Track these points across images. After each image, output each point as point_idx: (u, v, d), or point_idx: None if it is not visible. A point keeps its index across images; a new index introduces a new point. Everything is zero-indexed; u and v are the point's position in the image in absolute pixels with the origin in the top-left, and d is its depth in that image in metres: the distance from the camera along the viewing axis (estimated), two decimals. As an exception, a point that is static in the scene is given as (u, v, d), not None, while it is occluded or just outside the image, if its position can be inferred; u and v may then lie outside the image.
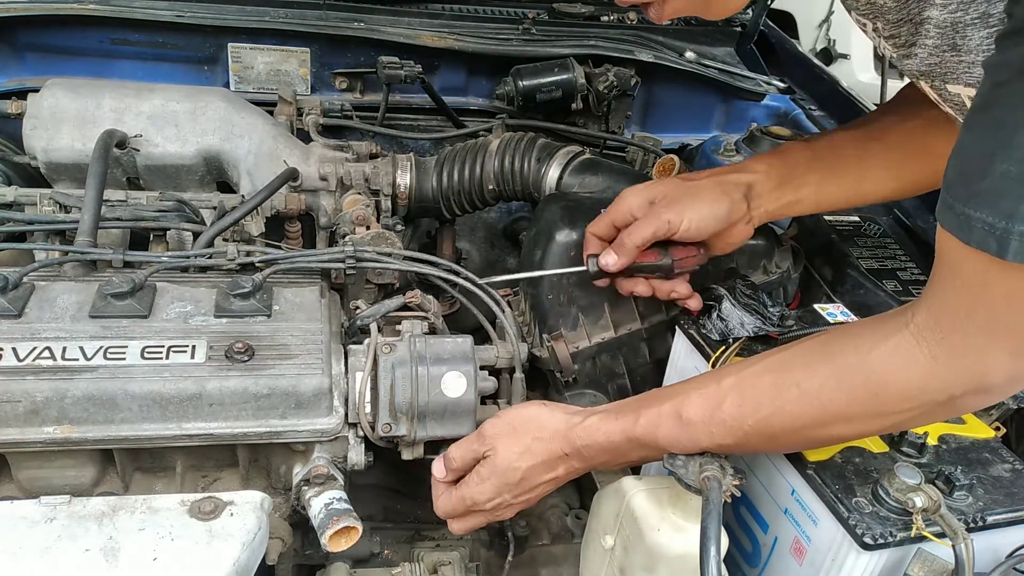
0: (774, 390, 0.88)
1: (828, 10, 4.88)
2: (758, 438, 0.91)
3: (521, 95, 1.71)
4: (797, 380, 0.87)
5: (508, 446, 1.00)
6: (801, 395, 0.86)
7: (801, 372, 0.87)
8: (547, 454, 1.00)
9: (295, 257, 1.14)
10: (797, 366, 0.89)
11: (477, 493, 1.02)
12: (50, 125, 1.29)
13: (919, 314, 0.79)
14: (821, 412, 0.86)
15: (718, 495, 0.87)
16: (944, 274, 0.77)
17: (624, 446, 0.97)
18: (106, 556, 0.80)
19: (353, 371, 1.04)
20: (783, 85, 2.07)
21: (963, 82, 0.80)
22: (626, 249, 1.11)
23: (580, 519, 1.35)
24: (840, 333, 0.89)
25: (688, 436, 0.92)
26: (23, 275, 1.03)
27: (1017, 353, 0.74)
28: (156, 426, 0.94)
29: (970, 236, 0.69)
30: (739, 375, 0.92)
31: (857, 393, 0.84)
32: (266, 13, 1.66)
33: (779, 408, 0.88)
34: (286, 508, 1.07)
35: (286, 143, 1.40)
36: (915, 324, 0.79)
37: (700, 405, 0.92)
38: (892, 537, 0.87)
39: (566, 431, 1.00)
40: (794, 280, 1.33)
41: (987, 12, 0.73)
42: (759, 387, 0.90)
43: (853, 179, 1.16)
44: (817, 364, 0.87)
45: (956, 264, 0.74)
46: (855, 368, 0.83)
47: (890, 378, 0.81)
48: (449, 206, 1.46)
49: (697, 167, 1.75)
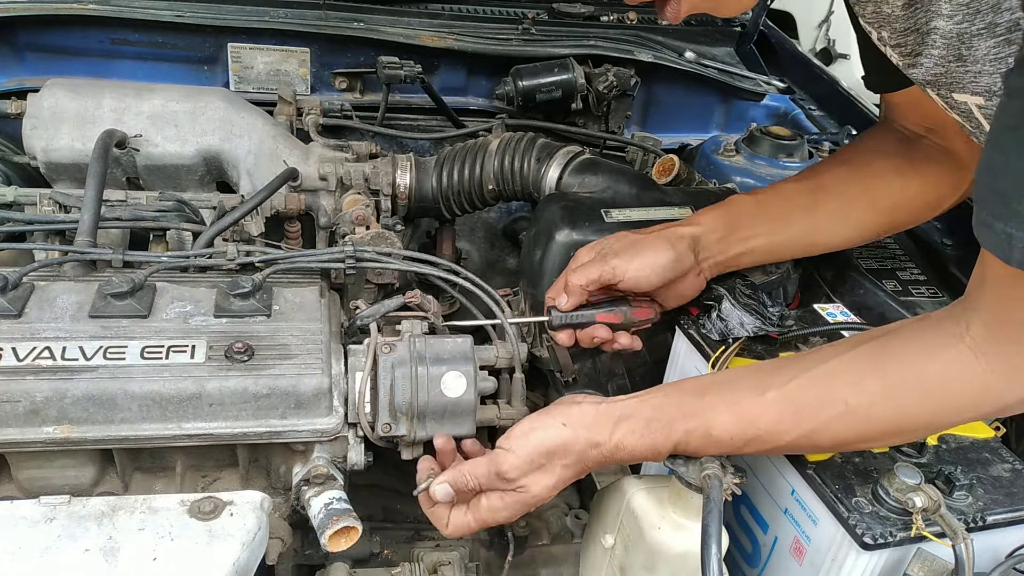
0: (819, 407, 0.87)
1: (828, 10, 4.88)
2: (796, 448, 0.93)
3: (521, 95, 1.71)
4: (845, 397, 0.85)
5: (538, 482, 0.95)
6: (849, 412, 0.85)
7: (849, 389, 0.85)
8: (575, 475, 0.97)
9: (295, 257, 1.14)
10: (844, 383, 0.86)
11: (500, 517, 0.98)
12: (50, 125, 1.29)
13: (974, 327, 0.78)
14: (868, 429, 0.86)
15: (719, 493, 0.87)
16: (996, 288, 0.77)
17: (651, 457, 0.95)
18: (106, 556, 0.80)
19: (353, 371, 1.04)
20: (783, 85, 2.07)
21: (969, 91, 0.80)
22: (572, 288, 1.13)
23: (580, 519, 1.35)
24: (888, 344, 0.86)
25: (718, 449, 0.92)
26: (23, 275, 1.03)
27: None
28: (156, 426, 0.94)
29: (1011, 255, 0.69)
30: (782, 389, 0.89)
31: (911, 411, 0.83)
32: (266, 13, 1.66)
33: (823, 425, 0.87)
34: (286, 508, 1.07)
35: (286, 143, 1.40)
36: (971, 338, 0.78)
37: (729, 426, 0.90)
38: (892, 537, 0.87)
39: (594, 456, 0.95)
40: (794, 280, 1.33)
41: (993, 22, 0.73)
42: (802, 402, 0.88)
43: (802, 229, 1.18)
44: (866, 380, 0.85)
45: (1007, 282, 0.74)
46: (910, 386, 0.83)
47: (947, 394, 0.81)
48: (449, 206, 1.46)
49: (697, 167, 1.75)
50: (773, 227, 1.18)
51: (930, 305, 1.30)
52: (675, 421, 0.92)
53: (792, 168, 1.73)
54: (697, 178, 1.65)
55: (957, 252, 1.46)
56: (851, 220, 1.18)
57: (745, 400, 0.90)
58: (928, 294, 1.33)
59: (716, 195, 1.53)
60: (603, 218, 1.32)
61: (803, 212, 1.18)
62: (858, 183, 1.17)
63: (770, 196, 1.22)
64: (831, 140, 1.86)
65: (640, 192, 1.39)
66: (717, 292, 1.20)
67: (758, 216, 1.18)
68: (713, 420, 0.90)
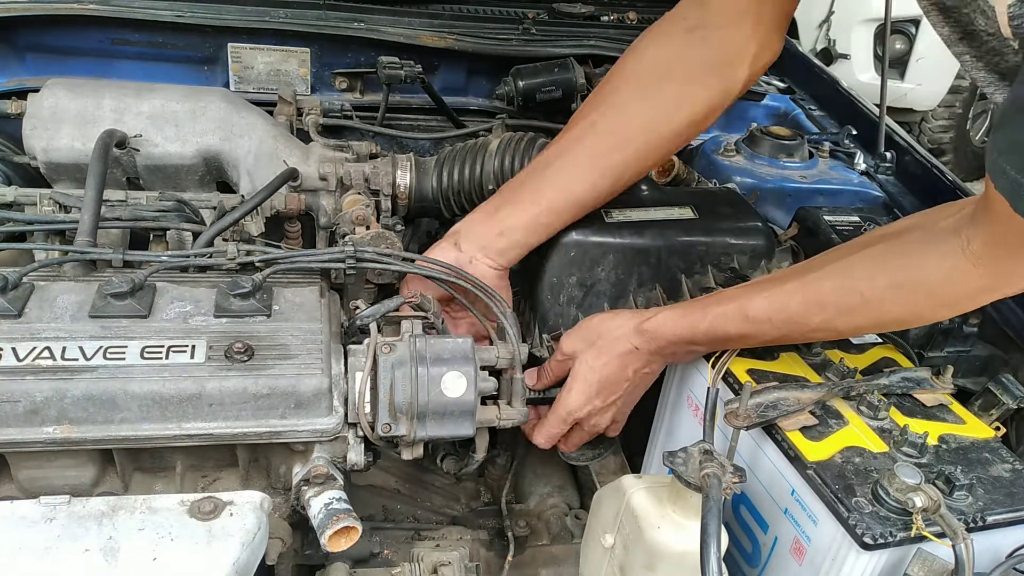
0: (837, 295, 1.01)
1: (828, 10, 4.88)
2: (822, 333, 1.07)
3: (521, 95, 1.71)
4: (860, 290, 0.99)
5: (584, 355, 1.16)
6: (863, 303, 0.99)
7: (864, 283, 0.99)
8: (619, 351, 1.14)
9: (295, 257, 1.14)
10: (859, 277, 1.00)
11: (569, 402, 1.17)
12: (50, 125, 1.29)
13: (975, 242, 0.90)
14: (880, 317, 1.02)
15: (718, 492, 0.87)
16: (997, 221, 0.86)
17: (692, 339, 1.10)
18: (106, 556, 0.80)
19: (353, 371, 1.04)
20: (783, 85, 2.07)
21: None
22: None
23: (580, 519, 1.35)
24: (897, 246, 0.99)
25: (755, 331, 1.06)
26: (23, 275, 1.02)
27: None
28: (156, 426, 0.94)
29: (1019, 202, 0.78)
30: (801, 280, 1.04)
31: (917, 308, 0.99)
32: (266, 13, 1.66)
33: (842, 311, 1.01)
34: (286, 508, 1.07)
35: (286, 143, 1.40)
36: (971, 251, 0.90)
37: (765, 305, 1.04)
38: (892, 537, 0.87)
39: (634, 327, 1.13)
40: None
41: None
42: (823, 291, 1.02)
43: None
44: (878, 276, 0.98)
45: (1009, 215, 0.81)
46: (916, 285, 0.96)
47: (948, 294, 0.96)
48: (449, 206, 1.46)
49: (697, 167, 1.75)
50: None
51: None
52: (710, 305, 1.09)
53: (792, 168, 1.73)
54: (697, 178, 1.65)
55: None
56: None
57: (773, 289, 1.05)
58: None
59: (716, 195, 1.53)
60: (603, 218, 1.32)
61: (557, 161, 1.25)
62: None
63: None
64: (831, 140, 1.86)
65: (640, 192, 1.39)
66: (717, 292, 1.20)
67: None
68: (748, 301, 1.05)
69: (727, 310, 1.06)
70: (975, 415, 1.11)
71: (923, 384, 1.11)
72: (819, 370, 1.13)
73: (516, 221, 1.22)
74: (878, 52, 4.79)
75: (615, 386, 1.17)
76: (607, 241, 1.31)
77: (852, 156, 1.80)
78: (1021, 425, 1.24)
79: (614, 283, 1.33)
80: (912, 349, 1.22)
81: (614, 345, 1.15)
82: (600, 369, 1.15)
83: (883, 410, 1.05)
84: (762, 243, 1.36)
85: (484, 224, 1.24)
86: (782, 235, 1.49)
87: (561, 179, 1.22)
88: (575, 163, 1.22)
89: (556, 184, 1.22)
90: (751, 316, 1.04)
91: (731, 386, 1.10)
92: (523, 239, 1.23)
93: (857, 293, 0.99)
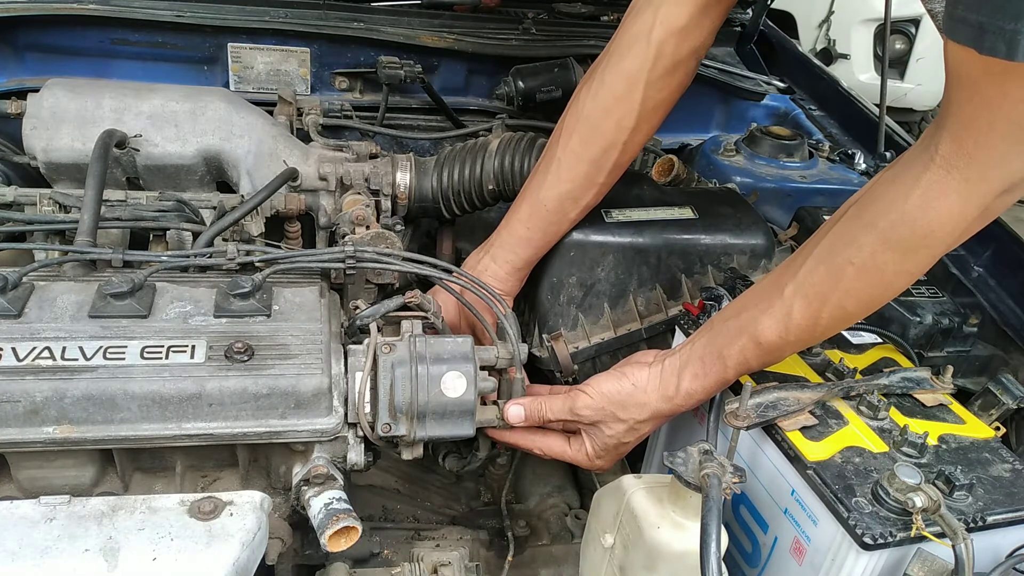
0: (832, 277, 0.93)
1: (828, 10, 4.89)
2: (836, 322, 0.98)
3: (521, 95, 1.71)
4: (848, 258, 0.92)
5: (612, 427, 1.11)
6: (858, 270, 0.91)
7: (849, 250, 0.92)
8: (652, 427, 1.12)
9: (295, 257, 1.14)
10: (842, 245, 0.93)
11: (576, 458, 1.17)
12: (50, 125, 1.29)
13: (942, 144, 0.82)
14: (881, 276, 0.92)
15: (718, 492, 0.87)
16: (961, 97, 0.79)
17: (721, 388, 1.07)
18: (106, 556, 0.80)
19: (353, 371, 1.04)
20: (783, 85, 2.07)
21: None
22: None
23: (580, 519, 1.35)
24: (868, 198, 0.92)
25: (775, 354, 1.02)
26: (23, 275, 1.02)
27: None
28: (156, 426, 0.94)
29: (982, 43, 0.71)
30: (795, 279, 0.97)
31: (908, 245, 0.88)
32: (266, 13, 1.66)
33: (844, 291, 0.93)
34: (286, 508, 1.07)
35: (286, 143, 1.40)
36: (940, 156, 0.82)
37: (773, 327, 0.98)
38: (892, 537, 0.87)
39: (667, 408, 1.08)
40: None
41: None
42: (817, 281, 0.95)
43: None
44: (860, 236, 0.91)
45: (973, 81, 0.76)
46: (898, 224, 0.87)
47: (933, 217, 0.85)
48: (449, 206, 1.46)
49: (697, 167, 1.75)
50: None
51: (930, 304, 1.31)
52: (724, 348, 1.02)
53: (792, 168, 1.73)
54: (697, 178, 1.65)
55: (956, 252, 1.46)
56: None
57: (774, 301, 0.98)
58: (928, 294, 1.33)
59: (716, 195, 1.53)
60: (603, 218, 1.32)
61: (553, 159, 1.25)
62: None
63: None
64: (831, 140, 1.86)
65: (640, 192, 1.40)
66: (717, 292, 1.20)
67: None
68: (756, 330, 0.99)
69: (743, 346, 1.01)
70: (975, 415, 1.11)
71: (923, 384, 1.11)
72: (819, 370, 1.13)
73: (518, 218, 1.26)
74: (878, 52, 4.79)
75: (625, 448, 1.15)
76: (607, 241, 1.31)
77: (852, 156, 1.80)
78: (1021, 425, 1.24)
79: (614, 283, 1.33)
80: (912, 349, 1.22)
81: (645, 426, 1.11)
82: (629, 441, 1.13)
83: (883, 410, 1.05)
84: (762, 243, 1.36)
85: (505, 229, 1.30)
86: (782, 235, 1.49)
87: (551, 176, 1.25)
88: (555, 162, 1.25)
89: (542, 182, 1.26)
90: (765, 344, 0.99)
91: (731, 386, 1.10)
92: (526, 234, 1.27)
93: (847, 263, 0.92)
